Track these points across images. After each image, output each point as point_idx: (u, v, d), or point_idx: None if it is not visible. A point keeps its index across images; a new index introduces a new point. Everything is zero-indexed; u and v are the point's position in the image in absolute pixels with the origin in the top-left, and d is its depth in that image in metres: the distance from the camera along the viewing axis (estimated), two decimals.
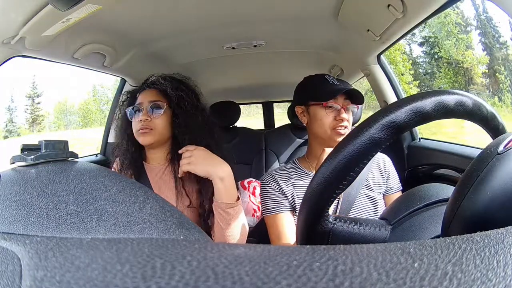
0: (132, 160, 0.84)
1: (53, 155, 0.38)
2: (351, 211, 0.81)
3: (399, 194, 0.88)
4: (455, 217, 0.27)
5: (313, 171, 0.85)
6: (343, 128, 0.81)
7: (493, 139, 0.32)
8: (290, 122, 1.69)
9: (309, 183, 0.36)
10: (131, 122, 0.85)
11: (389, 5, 0.89)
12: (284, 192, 0.81)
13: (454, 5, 0.87)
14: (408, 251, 0.16)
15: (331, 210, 0.66)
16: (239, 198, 0.75)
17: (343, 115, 0.81)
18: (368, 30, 1.08)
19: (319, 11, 1.09)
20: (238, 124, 1.86)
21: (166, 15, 1.06)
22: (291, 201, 0.81)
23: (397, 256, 0.16)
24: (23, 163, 0.36)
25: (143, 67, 1.40)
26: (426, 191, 0.43)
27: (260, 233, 1.19)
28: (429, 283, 0.13)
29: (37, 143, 0.39)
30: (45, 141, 0.38)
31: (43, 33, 0.86)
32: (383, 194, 0.87)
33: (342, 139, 0.34)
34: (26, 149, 0.38)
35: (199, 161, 0.73)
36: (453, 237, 0.18)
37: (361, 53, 1.34)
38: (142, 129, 0.80)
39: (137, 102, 0.84)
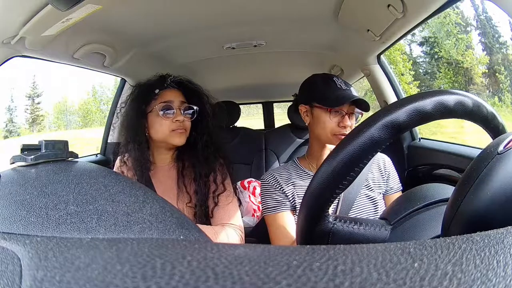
0: (142, 158, 0.82)
1: (53, 155, 0.38)
2: (351, 211, 0.81)
3: (399, 194, 0.88)
4: (455, 217, 0.27)
5: (314, 171, 0.84)
6: (344, 136, 0.80)
7: (493, 139, 0.32)
8: (290, 122, 1.69)
9: (309, 183, 0.36)
10: (143, 119, 0.83)
11: (389, 5, 0.89)
12: (284, 191, 0.81)
13: (454, 5, 0.87)
14: (408, 251, 0.16)
15: (331, 210, 0.67)
16: None
17: (347, 122, 0.80)
18: (368, 30, 1.08)
19: (319, 11, 1.09)
20: (238, 124, 1.86)
21: (166, 15, 1.06)
22: (291, 201, 0.81)
23: (397, 256, 0.16)
24: (23, 163, 0.36)
25: (143, 67, 1.40)
26: (426, 191, 0.43)
27: (260, 233, 1.19)
28: (429, 283, 0.13)
29: (37, 143, 0.39)
30: (45, 141, 0.38)
31: (43, 33, 0.86)
32: (383, 194, 0.87)
33: (342, 139, 0.34)
34: (26, 149, 0.38)
35: None
36: (453, 237, 0.18)
37: (361, 53, 1.34)
38: (179, 130, 0.81)
39: (165, 99, 0.83)
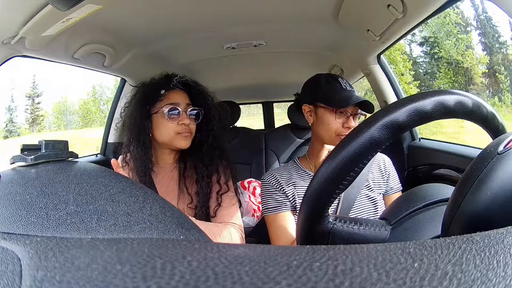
0: (145, 158, 0.81)
1: (53, 155, 0.38)
2: (351, 211, 0.81)
3: (399, 194, 0.88)
4: (455, 217, 0.27)
5: (314, 171, 0.85)
6: None
7: (493, 139, 0.32)
8: (290, 122, 1.69)
9: (309, 183, 0.36)
10: (148, 119, 0.82)
11: (389, 5, 0.89)
12: (285, 191, 0.81)
13: (454, 5, 0.87)
14: (408, 251, 0.16)
15: (331, 210, 0.66)
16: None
17: (352, 123, 0.80)
18: (368, 30, 1.08)
19: (319, 11, 1.09)
20: (238, 124, 1.86)
21: (166, 15, 1.06)
22: (291, 201, 0.81)
23: (397, 256, 0.16)
24: (23, 163, 0.36)
25: (143, 67, 1.40)
26: (426, 191, 0.43)
27: (260, 233, 1.19)
28: (429, 283, 0.13)
29: (37, 143, 0.39)
30: (45, 141, 0.38)
31: (43, 33, 0.86)
32: (383, 194, 0.87)
33: (342, 139, 0.34)
34: (26, 149, 0.38)
35: None
36: (453, 237, 0.18)
37: (361, 53, 1.34)
38: (185, 133, 0.81)
39: (171, 101, 0.82)
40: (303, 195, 0.81)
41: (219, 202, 0.82)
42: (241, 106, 1.86)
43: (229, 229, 0.79)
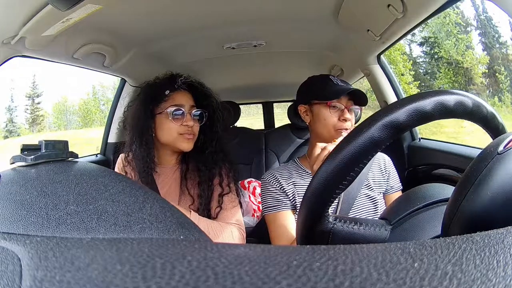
0: (147, 159, 0.80)
1: (53, 155, 0.38)
2: (351, 211, 0.81)
3: (399, 193, 0.88)
4: (455, 217, 0.27)
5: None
6: (346, 130, 0.81)
7: (493, 139, 0.32)
8: (290, 122, 1.69)
9: (309, 183, 0.36)
10: (151, 119, 0.81)
11: (389, 5, 0.89)
12: (285, 190, 0.82)
13: (454, 5, 0.87)
14: (408, 251, 0.16)
15: (331, 209, 0.67)
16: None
17: (347, 115, 0.81)
18: (368, 30, 1.08)
19: (319, 11, 1.09)
20: (238, 124, 1.86)
21: (166, 15, 1.06)
22: (292, 200, 0.81)
23: (397, 256, 0.16)
24: (23, 163, 0.36)
25: (143, 67, 1.40)
26: (426, 191, 0.43)
27: (260, 233, 1.19)
28: (429, 283, 0.13)
29: (37, 143, 0.39)
30: (45, 141, 0.38)
31: (43, 33, 0.85)
32: (384, 193, 0.87)
33: (342, 139, 0.34)
34: (26, 149, 0.38)
35: None
36: (453, 237, 0.18)
37: (361, 53, 1.34)
38: (188, 135, 0.80)
39: (175, 102, 0.81)
40: (303, 194, 0.80)
41: (220, 203, 0.82)
42: (241, 106, 1.86)
43: (230, 228, 0.79)
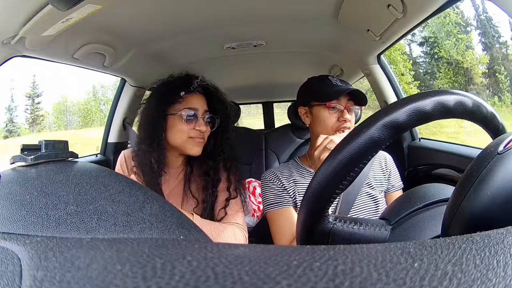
0: (157, 160, 0.78)
1: (53, 155, 0.38)
2: (352, 209, 0.81)
3: (400, 192, 0.89)
4: (455, 217, 0.27)
5: (315, 170, 0.85)
6: (345, 130, 0.81)
7: (493, 139, 0.32)
8: (290, 122, 1.69)
9: (309, 183, 0.36)
10: (163, 120, 0.79)
11: (389, 5, 0.89)
12: (285, 188, 0.82)
13: (454, 5, 0.87)
14: (408, 251, 0.16)
15: (331, 207, 0.67)
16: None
17: (347, 115, 0.81)
18: (368, 30, 1.08)
19: (319, 11, 1.09)
20: (237, 124, 1.86)
21: (166, 15, 1.06)
22: (292, 197, 0.82)
23: (397, 256, 0.16)
24: (23, 163, 0.36)
25: (143, 67, 1.40)
26: (426, 191, 0.43)
27: (260, 233, 1.19)
28: (429, 283, 0.13)
29: (37, 143, 0.39)
30: (45, 141, 0.38)
31: (43, 33, 0.85)
32: (385, 192, 0.87)
33: (342, 139, 0.34)
34: (26, 149, 0.38)
35: None
36: (453, 237, 0.18)
37: (361, 53, 1.34)
38: (198, 139, 0.80)
39: (190, 105, 0.80)
40: (303, 193, 0.80)
41: (225, 207, 0.82)
42: (241, 106, 1.86)
43: (233, 229, 0.79)
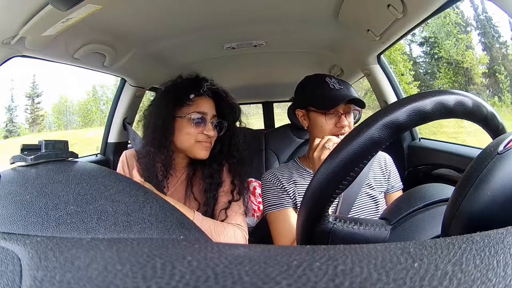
0: (165, 162, 0.78)
1: (53, 155, 0.38)
2: (352, 210, 0.81)
3: (400, 193, 0.88)
4: (455, 217, 0.27)
5: (314, 171, 0.85)
6: (343, 135, 0.80)
7: (493, 139, 0.32)
8: (290, 122, 1.69)
9: (309, 183, 0.36)
10: (172, 122, 0.79)
11: (389, 5, 0.89)
12: (285, 189, 0.81)
13: (454, 5, 0.87)
14: (408, 251, 0.16)
15: (331, 209, 0.66)
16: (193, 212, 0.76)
17: (344, 122, 0.79)
18: (368, 30, 1.08)
19: (319, 11, 1.09)
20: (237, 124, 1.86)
21: (166, 15, 1.06)
22: (293, 198, 0.81)
23: (397, 256, 0.16)
24: (23, 163, 0.36)
25: (143, 67, 1.40)
26: (426, 191, 0.43)
27: (260, 233, 1.19)
28: (429, 283, 0.13)
29: (37, 143, 0.39)
30: (45, 141, 0.38)
31: (43, 33, 0.86)
32: (384, 193, 0.87)
33: (342, 139, 0.34)
34: (26, 149, 0.38)
35: None
36: (453, 237, 0.18)
37: (361, 53, 1.34)
38: (206, 143, 0.79)
39: (199, 109, 0.79)
40: (303, 193, 0.79)
41: (226, 208, 0.81)
42: (241, 106, 1.86)
43: (233, 228, 0.78)
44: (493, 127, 0.36)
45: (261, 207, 0.86)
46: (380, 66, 1.38)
